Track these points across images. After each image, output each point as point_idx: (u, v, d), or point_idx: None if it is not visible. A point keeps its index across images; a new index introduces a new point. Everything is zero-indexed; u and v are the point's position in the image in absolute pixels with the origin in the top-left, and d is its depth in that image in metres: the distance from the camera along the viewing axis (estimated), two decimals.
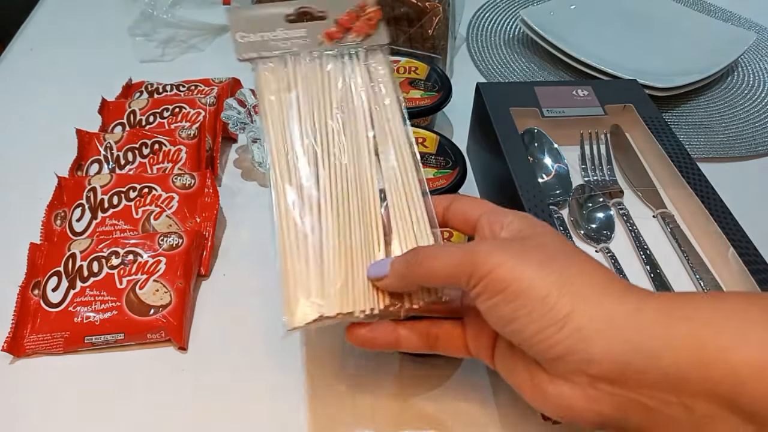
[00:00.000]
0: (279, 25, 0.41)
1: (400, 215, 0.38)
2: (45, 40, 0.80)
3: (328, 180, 0.38)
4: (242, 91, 0.60)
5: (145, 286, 0.46)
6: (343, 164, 0.39)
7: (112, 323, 0.45)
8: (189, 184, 0.54)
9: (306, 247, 0.36)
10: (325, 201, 0.37)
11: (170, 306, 0.46)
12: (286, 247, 0.36)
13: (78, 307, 0.45)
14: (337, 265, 0.36)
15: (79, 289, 0.46)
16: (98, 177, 0.54)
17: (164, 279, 0.47)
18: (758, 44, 0.85)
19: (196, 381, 0.44)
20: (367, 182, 0.38)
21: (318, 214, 0.37)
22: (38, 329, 0.45)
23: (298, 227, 0.36)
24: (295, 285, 0.35)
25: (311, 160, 0.38)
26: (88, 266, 0.47)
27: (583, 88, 0.59)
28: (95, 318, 0.45)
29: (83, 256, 0.47)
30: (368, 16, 0.43)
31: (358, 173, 0.39)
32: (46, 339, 0.44)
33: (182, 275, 0.47)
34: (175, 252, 0.48)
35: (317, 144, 0.39)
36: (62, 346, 0.45)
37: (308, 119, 0.40)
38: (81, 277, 0.46)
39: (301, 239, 0.36)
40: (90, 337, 0.44)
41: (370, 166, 0.39)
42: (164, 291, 0.46)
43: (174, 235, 0.49)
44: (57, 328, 0.45)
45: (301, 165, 0.38)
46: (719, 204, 0.47)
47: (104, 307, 0.45)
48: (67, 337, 0.44)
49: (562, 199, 0.52)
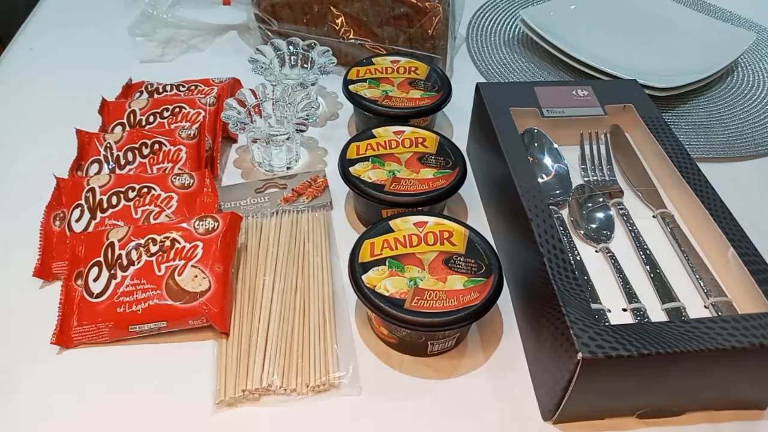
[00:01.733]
0: (249, 195, 0.57)
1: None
2: (45, 40, 0.80)
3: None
4: (242, 91, 0.60)
5: (184, 272, 0.46)
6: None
7: (154, 312, 0.45)
8: (188, 183, 0.54)
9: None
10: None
11: (210, 292, 0.46)
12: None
13: (121, 297, 0.45)
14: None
15: (120, 279, 0.46)
16: (97, 177, 0.54)
17: (201, 264, 0.47)
18: (758, 44, 0.85)
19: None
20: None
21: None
22: (83, 320, 0.45)
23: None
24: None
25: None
26: (127, 255, 0.47)
27: (583, 88, 0.59)
28: (137, 308, 0.45)
29: (121, 245, 0.47)
30: (317, 185, 0.58)
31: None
32: (91, 330, 0.45)
33: (220, 259, 0.47)
34: (211, 236, 0.48)
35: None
36: (108, 335, 0.45)
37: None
38: (121, 266, 0.47)
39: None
40: (134, 326, 0.45)
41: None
42: (203, 276, 0.46)
43: (209, 219, 0.49)
44: (102, 319, 0.45)
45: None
46: (719, 204, 0.47)
47: (145, 296, 0.45)
48: (112, 326, 0.45)
49: (562, 199, 0.52)
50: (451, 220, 0.47)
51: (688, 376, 0.39)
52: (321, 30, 0.73)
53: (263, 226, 0.54)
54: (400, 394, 0.43)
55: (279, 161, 0.61)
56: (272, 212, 0.55)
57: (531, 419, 0.42)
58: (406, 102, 0.60)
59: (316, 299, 0.48)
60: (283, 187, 0.58)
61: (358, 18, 0.71)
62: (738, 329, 0.38)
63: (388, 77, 0.63)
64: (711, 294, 0.44)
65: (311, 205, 0.56)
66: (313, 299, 0.48)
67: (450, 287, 0.42)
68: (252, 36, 0.80)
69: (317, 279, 0.50)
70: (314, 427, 0.41)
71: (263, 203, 0.56)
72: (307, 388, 0.43)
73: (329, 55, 0.67)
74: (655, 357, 0.37)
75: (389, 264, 0.44)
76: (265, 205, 0.56)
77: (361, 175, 0.52)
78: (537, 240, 0.43)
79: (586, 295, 0.40)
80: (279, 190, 0.57)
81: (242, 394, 0.42)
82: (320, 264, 0.51)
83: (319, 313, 0.47)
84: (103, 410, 0.42)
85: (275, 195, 0.57)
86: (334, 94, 0.72)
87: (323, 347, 0.45)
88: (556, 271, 0.41)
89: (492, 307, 0.42)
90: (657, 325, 0.38)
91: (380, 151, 0.54)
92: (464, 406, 0.43)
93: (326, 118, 0.69)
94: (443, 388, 0.44)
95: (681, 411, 0.43)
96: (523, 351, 0.46)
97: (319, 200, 0.57)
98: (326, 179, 0.58)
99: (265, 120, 0.62)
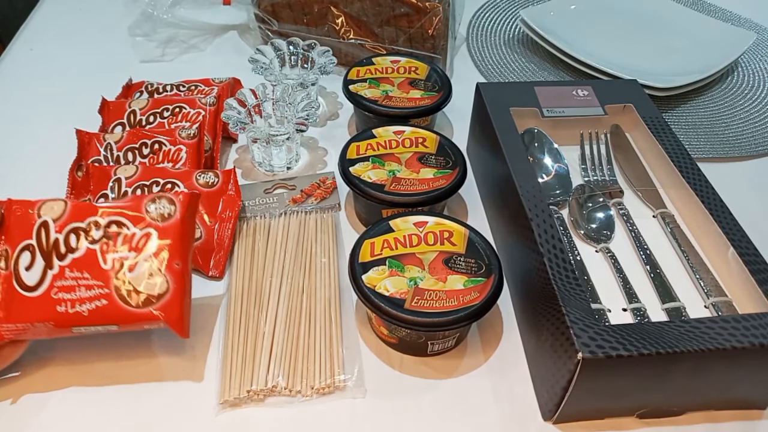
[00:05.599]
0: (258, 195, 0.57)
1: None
2: (45, 40, 0.80)
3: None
4: (242, 91, 0.60)
5: (135, 268, 0.39)
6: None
7: (102, 315, 0.39)
8: (212, 182, 0.53)
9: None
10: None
11: (167, 295, 0.39)
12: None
13: (60, 293, 0.38)
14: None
15: (58, 270, 0.39)
16: (123, 168, 0.52)
17: (156, 260, 0.40)
18: (758, 44, 0.85)
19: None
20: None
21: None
22: (15, 317, 0.39)
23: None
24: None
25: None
26: (65, 240, 0.39)
27: (583, 88, 0.59)
28: (82, 308, 0.38)
29: (58, 227, 0.40)
30: (326, 186, 0.57)
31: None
32: (26, 328, 0.39)
33: (179, 253, 0.40)
34: (167, 224, 0.41)
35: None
36: (46, 334, 0.40)
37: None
38: (58, 253, 0.39)
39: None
40: (78, 327, 0.39)
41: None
42: (159, 276, 0.40)
43: (164, 200, 0.41)
44: (39, 318, 0.39)
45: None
46: (719, 204, 0.47)
47: (90, 294, 0.38)
48: (52, 326, 0.39)
49: (562, 199, 0.52)
50: (451, 220, 0.47)
51: (688, 376, 0.39)
52: (321, 30, 0.73)
53: (271, 227, 0.54)
54: (400, 394, 0.43)
55: (279, 161, 0.61)
56: (280, 213, 0.55)
57: (531, 419, 0.42)
58: (406, 102, 0.60)
59: (323, 301, 0.48)
60: (291, 188, 0.58)
61: (358, 18, 0.71)
62: (738, 329, 0.38)
63: (388, 77, 0.63)
64: (711, 294, 0.44)
65: (320, 206, 0.56)
66: (319, 301, 0.48)
67: (450, 287, 0.42)
68: (252, 36, 0.80)
69: (324, 281, 0.50)
70: (314, 427, 0.41)
71: (271, 204, 0.56)
72: (312, 390, 0.43)
73: (329, 55, 0.67)
74: (655, 357, 0.37)
75: (389, 264, 0.44)
76: (273, 205, 0.56)
77: (362, 175, 0.52)
78: (537, 240, 0.43)
79: (586, 295, 0.40)
80: (287, 191, 0.58)
81: (247, 395, 0.42)
82: (327, 266, 0.51)
83: (324, 315, 0.47)
84: (103, 410, 0.42)
85: (284, 196, 0.57)
86: (334, 94, 0.72)
87: (329, 349, 0.45)
88: (556, 271, 0.41)
89: (492, 307, 0.42)
90: (657, 325, 0.38)
91: (380, 151, 0.54)
92: (464, 406, 0.43)
93: (326, 118, 0.69)
94: (443, 388, 0.44)
95: (681, 411, 0.43)
96: (523, 351, 0.46)
97: (328, 201, 0.57)
98: (335, 181, 0.58)
99: (265, 120, 0.62)
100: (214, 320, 0.48)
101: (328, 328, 0.46)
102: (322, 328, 0.46)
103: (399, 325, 0.41)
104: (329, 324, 0.47)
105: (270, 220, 0.55)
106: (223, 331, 0.46)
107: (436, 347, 0.45)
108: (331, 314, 0.47)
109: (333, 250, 0.52)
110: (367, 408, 0.43)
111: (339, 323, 0.47)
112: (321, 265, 0.51)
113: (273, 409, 0.42)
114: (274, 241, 0.53)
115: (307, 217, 0.55)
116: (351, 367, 0.44)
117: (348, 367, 0.44)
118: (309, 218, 0.55)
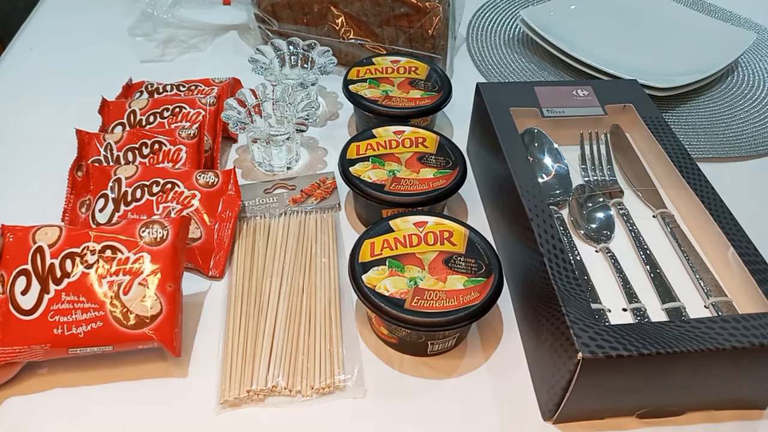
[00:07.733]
0: (258, 195, 0.57)
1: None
2: (45, 40, 0.80)
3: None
4: (242, 91, 0.60)
5: (130, 290, 0.41)
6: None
7: (98, 336, 0.40)
8: (212, 182, 0.53)
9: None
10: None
11: (161, 316, 0.41)
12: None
13: (56, 315, 0.40)
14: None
15: (54, 294, 0.40)
16: (124, 168, 0.52)
17: (150, 283, 0.42)
18: (758, 44, 0.85)
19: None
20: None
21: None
22: (11, 341, 0.40)
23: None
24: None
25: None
26: (61, 265, 0.41)
27: (583, 88, 0.59)
28: (78, 331, 0.40)
29: (53, 253, 0.41)
30: (326, 186, 0.57)
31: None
32: (23, 350, 0.40)
33: (171, 275, 0.42)
34: (159, 248, 0.42)
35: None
36: (42, 356, 0.41)
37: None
38: (54, 278, 0.41)
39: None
40: (75, 349, 0.40)
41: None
42: (153, 298, 0.42)
43: (156, 226, 0.43)
44: (36, 341, 0.40)
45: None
46: (719, 204, 0.47)
47: (86, 317, 0.40)
48: (48, 348, 0.40)
49: (562, 199, 0.52)
50: (451, 220, 0.47)
51: (688, 376, 0.39)
52: (321, 30, 0.73)
53: (271, 227, 0.54)
54: (400, 394, 0.43)
55: (279, 161, 0.61)
56: (280, 213, 0.55)
57: (531, 419, 0.42)
58: (406, 102, 0.60)
59: (323, 301, 0.48)
60: (291, 188, 0.58)
61: (358, 18, 0.71)
62: (738, 329, 0.38)
63: (388, 77, 0.63)
64: (711, 294, 0.44)
65: (320, 206, 0.56)
66: (319, 301, 0.48)
67: (450, 287, 0.42)
68: (252, 36, 0.80)
69: (324, 281, 0.50)
70: (314, 427, 0.41)
71: (271, 204, 0.56)
72: (312, 390, 0.43)
73: (329, 55, 0.67)
74: (655, 357, 0.37)
75: (389, 264, 0.44)
76: (273, 205, 0.56)
77: (362, 175, 0.52)
78: (537, 240, 0.43)
79: (586, 295, 0.40)
80: (287, 191, 0.58)
81: (247, 395, 0.42)
82: (327, 266, 0.51)
83: (324, 315, 0.47)
84: (104, 410, 0.42)
85: (284, 196, 0.57)
86: (334, 94, 0.72)
87: (329, 349, 0.45)
88: (556, 271, 0.41)
89: (492, 307, 0.42)
90: (657, 325, 0.38)
91: (380, 151, 0.54)
92: (464, 406, 0.43)
93: (326, 118, 0.69)
94: (443, 388, 0.44)
95: (681, 411, 0.43)
96: (523, 351, 0.46)
97: (328, 202, 0.57)
98: (335, 181, 0.58)
99: (265, 120, 0.62)
100: (214, 320, 0.48)
101: (328, 328, 0.46)
102: (322, 328, 0.46)
103: (399, 325, 0.41)
104: (329, 324, 0.47)
105: (270, 220, 0.55)
106: (223, 331, 0.46)
107: (436, 347, 0.45)
108: (331, 314, 0.47)
109: (333, 250, 0.52)
110: (367, 408, 0.43)
111: (339, 323, 0.47)
112: (321, 265, 0.51)
113: (273, 409, 0.42)
114: (274, 241, 0.53)
115: (307, 217, 0.55)
116: (351, 367, 0.44)
117: (348, 367, 0.44)
118: (309, 218, 0.55)
